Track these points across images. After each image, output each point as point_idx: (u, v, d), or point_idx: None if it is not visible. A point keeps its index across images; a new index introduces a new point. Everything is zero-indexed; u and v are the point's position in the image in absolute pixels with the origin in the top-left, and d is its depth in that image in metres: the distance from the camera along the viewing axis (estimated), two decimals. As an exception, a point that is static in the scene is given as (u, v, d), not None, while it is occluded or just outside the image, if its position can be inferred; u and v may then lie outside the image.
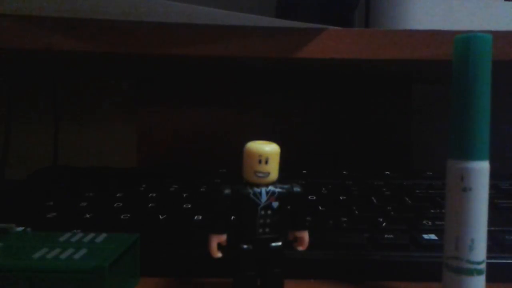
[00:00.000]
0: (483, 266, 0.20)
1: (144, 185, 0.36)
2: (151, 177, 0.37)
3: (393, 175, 0.40)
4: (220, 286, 0.24)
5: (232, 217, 0.22)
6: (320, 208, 0.31)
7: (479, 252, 0.20)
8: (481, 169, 0.20)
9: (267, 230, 0.21)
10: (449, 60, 0.21)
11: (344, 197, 0.34)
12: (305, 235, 0.23)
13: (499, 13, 0.35)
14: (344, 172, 0.40)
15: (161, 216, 0.30)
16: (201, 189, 0.35)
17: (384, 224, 0.29)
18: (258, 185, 0.21)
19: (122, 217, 0.30)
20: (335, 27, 0.32)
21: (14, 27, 0.31)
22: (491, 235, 0.22)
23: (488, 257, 0.21)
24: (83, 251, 0.22)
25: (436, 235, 0.27)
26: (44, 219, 0.29)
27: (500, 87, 0.28)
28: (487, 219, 0.20)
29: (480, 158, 0.20)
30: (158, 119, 0.52)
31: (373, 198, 0.34)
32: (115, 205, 0.32)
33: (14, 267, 0.20)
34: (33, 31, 0.31)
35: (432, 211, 0.31)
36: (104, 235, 0.24)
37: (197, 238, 0.26)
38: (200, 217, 0.30)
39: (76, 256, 0.21)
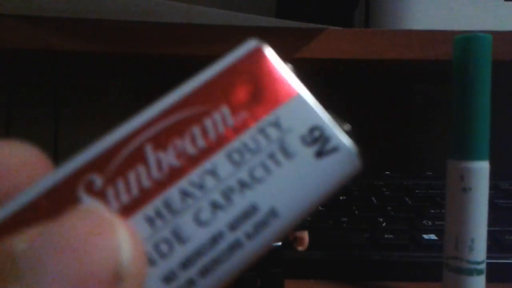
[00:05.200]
0: (483, 266, 0.20)
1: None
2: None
3: (393, 175, 0.40)
4: (220, 286, 0.24)
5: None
6: (320, 208, 0.31)
7: (479, 252, 0.20)
8: (481, 169, 0.20)
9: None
10: (449, 60, 0.21)
11: (344, 197, 0.34)
12: (305, 235, 0.22)
13: (499, 13, 0.35)
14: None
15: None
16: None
17: (384, 224, 0.29)
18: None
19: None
20: (335, 27, 0.32)
21: (14, 27, 0.31)
22: (491, 235, 0.22)
23: (488, 257, 0.21)
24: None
25: (436, 235, 0.27)
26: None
27: (500, 87, 0.28)
28: (487, 219, 0.20)
29: (480, 158, 0.20)
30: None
31: (373, 198, 0.34)
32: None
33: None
34: (33, 31, 0.31)
35: (432, 211, 0.31)
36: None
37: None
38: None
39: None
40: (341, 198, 0.34)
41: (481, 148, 0.20)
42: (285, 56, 0.11)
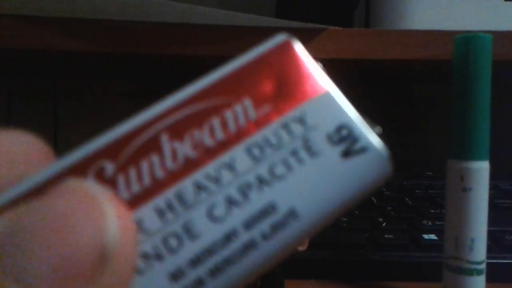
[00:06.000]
0: (483, 266, 0.20)
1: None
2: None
3: (393, 175, 0.40)
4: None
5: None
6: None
7: (479, 252, 0.20)
8: (481, 169, 0.20)
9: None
10: (449, 60, 0.21)
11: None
12: (305, 235, 0.22)
13: (499, 13, 0.35)
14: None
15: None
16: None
17: (384, 224, 0.29)
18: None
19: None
20: (335, 27, 0.32)
21: (14, 27, 0.31)
22: (491, 235, 0.22)
23: (488, 257, 0.21)
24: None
25: (436, 235, 0.27)
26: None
27: (500, 87, 0.28)
28: (487, 219, 0.20)
29: (480, 158, 0.20)
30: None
31: (373, 198, 0.34)
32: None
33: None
34: (33, 31, 0.31)
35: (432, 211, 0.31)
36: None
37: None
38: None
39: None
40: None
41: (481, 148, 0.20)
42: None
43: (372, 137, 0.09)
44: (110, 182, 0.08)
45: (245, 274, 0.08)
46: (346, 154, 0.09)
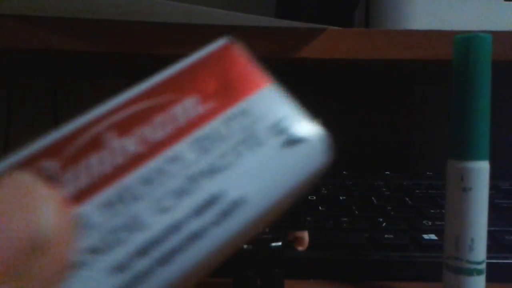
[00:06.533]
0: (483, 266, 0.20)
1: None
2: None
3: (393, 175, 0.40)
4: (220, 286, 0.24)
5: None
6: (320, 208, 0.31)
7: (479, 252, 0.20)
8: (481, 169, 0.20)
9: (267, 230, 0.21)
10: (449, 60, 0.21)
11: (344, 197, 0.34)
12: (305, 235, 0.23)
13: (499, 13, 0.35)
14: (344, 172, 0.40)
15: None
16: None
17: (384, 224, 0.29)
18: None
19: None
20: (335, 27, 0.32)
21: (14, 27, 0.31)
22: (491, 235, 0.22)
23: (488, 257, 0.21)
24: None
25: (436, 235, 0.27)
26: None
27: (500, 87, 0.28)
28: (487, 219, 0.20)
29: (480, 158, 0.20)
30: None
31: (373, 198, 0.34)
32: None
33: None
34: (33, 31, 0.31)
35: (432, 211, 0.31)
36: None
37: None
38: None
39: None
40: (341, 198, 0.34)
41: (481, 148, 0.20)
42: (285, 56, 0.11)
43: (310, 127, 0.10)
44: (52, 179, 0.08)
45: (198, 261, 0.08)
46: (287, 143, 0.09)
